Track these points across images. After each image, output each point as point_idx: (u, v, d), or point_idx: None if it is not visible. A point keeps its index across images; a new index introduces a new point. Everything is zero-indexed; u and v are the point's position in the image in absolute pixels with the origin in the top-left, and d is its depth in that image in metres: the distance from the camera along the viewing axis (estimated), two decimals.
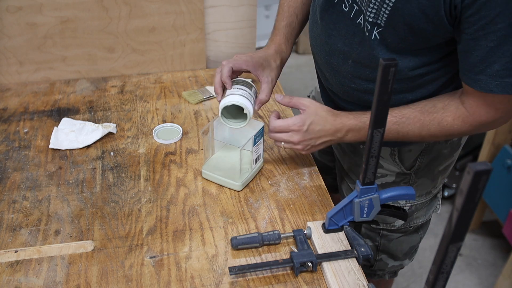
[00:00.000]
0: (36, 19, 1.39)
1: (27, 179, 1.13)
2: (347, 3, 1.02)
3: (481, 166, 0.54)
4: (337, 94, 1.15)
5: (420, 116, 1.01)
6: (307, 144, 1.07)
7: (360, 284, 0.89)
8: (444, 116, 0.99)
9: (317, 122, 1.05)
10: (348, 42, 1.04)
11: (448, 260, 0.64)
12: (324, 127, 1.05)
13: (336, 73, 1.10)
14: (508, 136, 2.11)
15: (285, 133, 1.06)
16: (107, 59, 1.50)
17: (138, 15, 1.44)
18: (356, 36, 1.02)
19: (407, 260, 1.35)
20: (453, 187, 2.49)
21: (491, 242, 2.32)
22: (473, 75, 0.92)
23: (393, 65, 0.76)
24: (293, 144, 1.07)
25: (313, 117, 1.05)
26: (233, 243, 0.96)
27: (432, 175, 1.20)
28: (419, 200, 1.22)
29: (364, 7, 0.97)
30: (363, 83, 1.06)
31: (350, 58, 1.05)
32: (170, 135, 1.27)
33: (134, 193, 1.10)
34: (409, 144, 1.13)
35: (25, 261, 0.95)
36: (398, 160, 1.16)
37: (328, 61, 1.11)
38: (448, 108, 0.99)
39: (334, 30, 1.06)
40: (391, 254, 1.30)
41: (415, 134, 1.02)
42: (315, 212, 1.07)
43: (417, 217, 1.25)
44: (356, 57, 1.04)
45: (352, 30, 1.02)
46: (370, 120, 0.84)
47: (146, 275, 0.92)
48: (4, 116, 1.33)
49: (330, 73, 1.12)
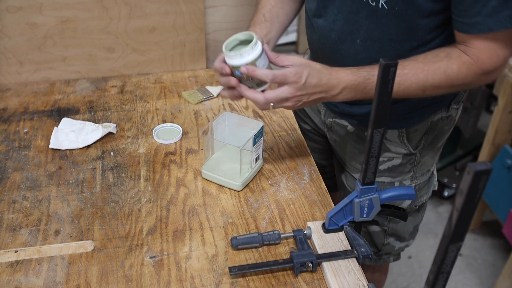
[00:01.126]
0: (36, 19, 1.39)
1: (27, 179, 1.13)
2: None
3: (481, 166, 0.54)
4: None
5: (424, 66, 0.97)
6: (299, 100, 0.98)
7: (360, 284, 0.89)
8: (449, 64, 0.97)
9: (314, 75, 0.96)
10: (354, 21, 1.04)
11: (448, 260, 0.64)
12: (320, 81, 0.97)
13: (345, 59, 1.09)
14: (508, 136, 2.11)
15: (280, 89, 0.97)
16: (107, 59, 1.50)
17: (138, 15, 1.44)
18: (361, 11, 1.02)
19: (412, 240, 1.37)
20: (453, 187, 2.49)
21: (491, 242, 2.32)
22: (469, 19, 0.91)
23: (393, 65, 0.76)
24: (285, 101, 0.97)
25: (309, 68, 0.96)
26: (233, 243, 0.96)
27: (433, 152, 1.24)
28: (422, 179, 1.25)
29: None
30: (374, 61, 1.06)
31: (358, 38, 1.05)
32: (170, 135, 1.27)
33: (134, 193, 1.10)
34: (414, 124, 1.15)
35: (25, 261, 0.95)
36: (406, 140, 1.17)
37: (335, 50, 1.10)
38: (451, 56, 0.97)
39: (338, 15, 1.06)
40: (398, 236, 1.33)
41: (418, 86, 0.98)
42: (315, 212, 1.07)
43: (421, 196, 1.28)
44: (364, 34, 1.03)
45: (356, 7, 1.02)
46: (370, 120, 0.84)
47: (146, 275, 0.92)
48: (4, 116, 1.33)
49: (339, 62, 1.10)
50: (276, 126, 1.31)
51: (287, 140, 1.27)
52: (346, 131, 1.24)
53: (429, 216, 2.48)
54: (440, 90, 1.00)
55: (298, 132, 1.29)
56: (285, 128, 1.31)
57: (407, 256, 2.26)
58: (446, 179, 2.50)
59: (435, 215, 2.48)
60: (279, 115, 1.35)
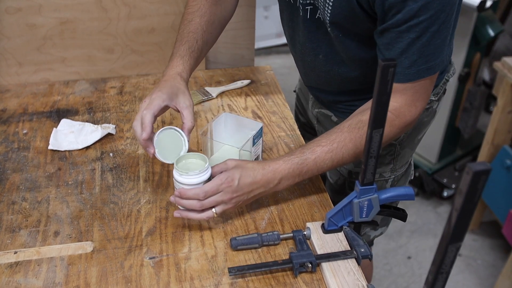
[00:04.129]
0: (36, 20, 1.39)
1: (26, 180, 1.13)
2: (301, 7, 1.07)
3: (480, 166, 0.54)
4: (317, 88, 1.23)
5: (350, 135, 1.00)
6: (239, 200, 0.98)
7: (360, 285, 0.89)
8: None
9: (246, 175, 0.97)
10: (315, 39, 1.10)
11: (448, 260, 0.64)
12: (255, 179, 0.98)
13: (312, 69, 1.17)
14: (507, 137, 2.11)
15: (215, 196, 0.96)
16: (106, 60, 1.50)
17: (137, 16, 1.44)
18: (320, 29, 1.08)
19: (385, 227, 1.41)
20: (453, 187, 2.49)
21: (490, 242, 2.32)
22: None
23: (392, 66, 0.76)
24: (224, 204, 0.97)
25: (240, 170, 0.98)
26: (232, 244, 0.96)
27: (413, 144, 1.26)
28: (400, 171, 1.28)
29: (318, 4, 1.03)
30: (336, 70, 1.13)
31: (320, 53, 1.12)
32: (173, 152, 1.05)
33: (134, 194, 1.10)
34: None
35: (24, 262, 0.94)
36: None
37: (302, 59, 1.18)
38: None
39: (300, 29, 1.12)
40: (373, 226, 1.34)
41: (350, 155, 1.01)
42: (314, 212, 1.07)
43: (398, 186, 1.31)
44: (326, 49, 1.10)
45: (315, 25, 1.08)
46: (369, 121, 0.84)
47: (145, 276, 0.92)
48: (3, 117, 1.33)
49: (307, 69, 1.19)
50: (275, 127, 1.31)
51: (286, 141, 1.27)
52: (331, 121, 1.27)
53: (428, 216, 2.48)
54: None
55: (297, 132, 1.29)
56: (284, 129, 1.31)
57: (407, 257, 2.26)
58: (446, 179, 2.50)
59: (435, 216, 2.48)
60: (278, 116, 1.35)
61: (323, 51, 1.12)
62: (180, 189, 0.96)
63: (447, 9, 0.90)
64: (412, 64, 0.94)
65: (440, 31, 0.92)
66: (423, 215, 2.48)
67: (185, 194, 0.95)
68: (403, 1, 0.88)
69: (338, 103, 1.23)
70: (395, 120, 0.99)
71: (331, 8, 0.99)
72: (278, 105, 1.40)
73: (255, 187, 0.99)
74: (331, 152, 1.00)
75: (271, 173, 0.99)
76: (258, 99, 1.42)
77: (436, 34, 0.92)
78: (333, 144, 1.00)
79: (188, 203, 0.96)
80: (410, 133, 1.22)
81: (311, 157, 1.00)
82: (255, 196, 1.01)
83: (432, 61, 0.95)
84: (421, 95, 0.99)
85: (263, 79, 1.51)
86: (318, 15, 1.05)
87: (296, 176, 1.01)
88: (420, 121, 1.22)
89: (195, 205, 0.96)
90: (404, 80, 0.97)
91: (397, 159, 1.25)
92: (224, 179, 0.96)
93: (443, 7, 0.89)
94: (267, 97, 1.43)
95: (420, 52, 0.93)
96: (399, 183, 1.30)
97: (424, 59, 0.94)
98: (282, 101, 1.41)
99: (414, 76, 0.96)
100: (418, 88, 0.98)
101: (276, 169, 1.00)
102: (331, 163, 1.01)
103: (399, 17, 0.90)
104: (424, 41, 0.92)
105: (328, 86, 1.21)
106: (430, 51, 0.93)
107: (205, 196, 0.95)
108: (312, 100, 1.35)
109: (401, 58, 0.94)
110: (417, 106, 1.00)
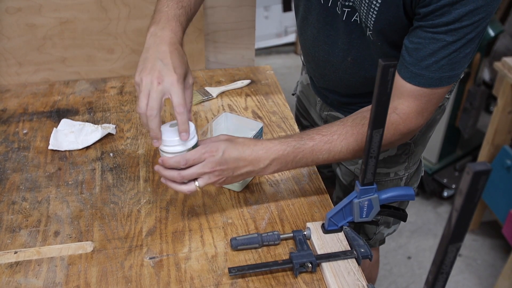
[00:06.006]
0: (36, 20, 1.39)
1: (26, 180, 1.13)
2: (339, 9, 1.03)
3: (481, 166, 0.54)
4: (333, 90, 1.20)
5: (353, 130, 0.97)
6: (223, 176, 0.93)
7: (360, 285, 0.89)
8: None
9: (233, 148, 0.92)
10: (347, 41, 1.06)
11: (448, 260, 0.64)
12: (242, 154, 0.92)
13: (335, 71, 1.13)
14: (507, 137, 2.11)
15: (196, 166, 0.91)
16: (106, 60, 1.50)
17: (138, 16, 1.44)
18: (354, 32, 1.04)
19: (397, 225, 1.41)
20: (453, 187, 2.49)
21: (490, 242, 2.32)
22: (417, 69, 0.92)
23: (392, 66, 0.76)
24: (207, 177, 0.92)
25: (227, 143, 0.93)
26: (232, 244, 0.96)
27: (425, 141, 1.26)
28: (413, 168, 1.28)
29: (357, 7, 0.99)
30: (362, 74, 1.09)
31: (349, 56, 1.07)
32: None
33: (134, 194, 1.10)
34: None
35: (24, 262, 0.94)
36: None
37: (325, 61, 1.14)
38: None
39: (332, 31, 1.08)
40: (387, 223, 1.36)
41: (349, 150, 0.97)
42: (315, 212, 1.07)
43: (412, 183, 1.31)
44: (356, 52, 1.06)
45: (349, 28, 1.03)
46: (369, 121, 0.84)
47: (145, 276, 0.92)
48: (3, 117, 1.33)
49: (328, 70, 1.15)
50: (276, 127, 1.31)
51: None
52: None
53: (428, 216, 2.48)
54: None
55: (297, 132, 1.29)
56: (284, 129, 1.31)
57: (407, 257, 2.26)
58: (446, 179, 2.50)
59: (435, 216, 2.48)
60: (278, 116, 1.35)
61: (352, 54, 1.07)
62: (163, 157, 0.91)
63: (488, 18, 0.86)
64: (438, 69, 0.90)
65: (473, 39, 0.88)
66: (423, 215, 2.48)
67: (167, 162, 0.90)
68: (452, 4, 0.84)
69: (351, 104, 1.20)
70: (400, 125, 0.96)
71: (376, 13, 0.94)
72: (278, 105, 1.40)
73: (242, 164, 0.93)
74: (330, 143, 0.96)
75: (262, 151, 0.94)
76: (258, 99, 1.42)
77: (469, 42, 0.88)
78: (333, 135, 0.97)
79: (169, 174, 0.91)
80: (424, 131, 1.22)
81: (309, 144, 0.96)
82: (242, 175, 0.95)
83: (456, 70, 0.91)
84: (432, 105, 0.96)
85: (263, 79, 1.51)
86: (355, 18, 1.01)
87: (290, 161, 0.96)
88: (433, 119, 1.22)
89: (175, 177, 0.91)
90: (425, 84, 0.92)
91: (411, 157, 1.24)
92: (208, 148, 0.91)
93: (486, 15, 0.85)
94: (267, 97, 1.43)
95: (449, 58, 0.89)
96: (412, 180, 1.30)
97: (451, 66, 0.90)
98: (282, 101, 1.41)
99: (435, 82, 0.92)
100: (432, 97, 0.94)
101: (270, 148, 0.94)
102: (327, 155, 0.97)
103: (442, 19, 0.86)
104: (458, 47, 0.88)
105: (346, 89, 1.17)
106: (458, 58, 0.90)
107: (186, 163, 0.90)
108: (320, 103, 1.31)
109: (429, 61, 0.90)
110: (424, 116, 0.96)
